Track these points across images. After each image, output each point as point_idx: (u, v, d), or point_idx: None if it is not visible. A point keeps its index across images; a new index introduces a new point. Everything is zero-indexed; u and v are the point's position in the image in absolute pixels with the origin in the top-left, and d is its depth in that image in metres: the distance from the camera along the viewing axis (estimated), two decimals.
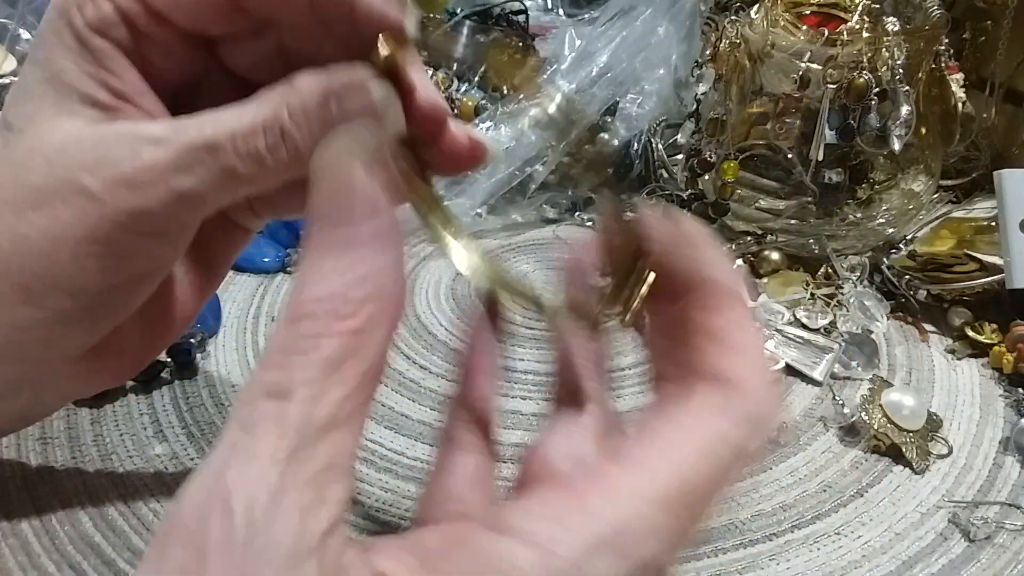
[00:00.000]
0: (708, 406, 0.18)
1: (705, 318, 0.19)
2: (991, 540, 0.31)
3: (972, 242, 0.45)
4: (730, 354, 0.18)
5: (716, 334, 0.18)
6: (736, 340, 0.18)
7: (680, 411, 0.18)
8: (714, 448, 0.17)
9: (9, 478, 0.31)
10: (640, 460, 0.17)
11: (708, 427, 0.17)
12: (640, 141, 0.54)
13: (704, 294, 0.19)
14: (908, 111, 0.43)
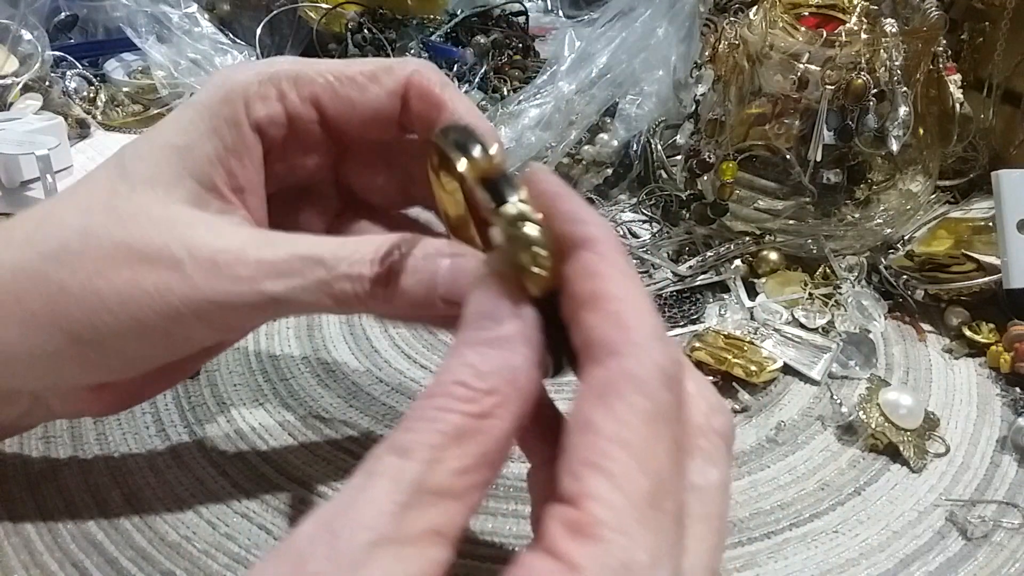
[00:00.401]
0: (616, 394, 0.17)
1: (580, 287, 0.18)
2: (988, 538, 0.31)
3: (970, 242, 0.45)
4: (608, 320, 0.18)
5: (592, 302, 0.18)
6: (611, 306, 0.18)
7: (599, 415, 0.17)
8: (643, 435, 0.16)
9: (12, 477, 0.32)
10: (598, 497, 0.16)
11: (625, 422, 0.17)
12: (639, 142, 0.54)
13: (572, 260, 0.19)
14: (906, 112, 0.43)
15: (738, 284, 0.45)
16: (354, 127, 0.26)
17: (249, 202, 0.26)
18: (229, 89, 0.25)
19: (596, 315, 0.18)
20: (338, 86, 0.26)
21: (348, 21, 0.65)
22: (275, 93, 0.25)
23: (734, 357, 0.38)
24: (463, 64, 0.59)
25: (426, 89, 0.26)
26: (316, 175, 0.28)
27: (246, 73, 0.25)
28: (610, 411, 0.17)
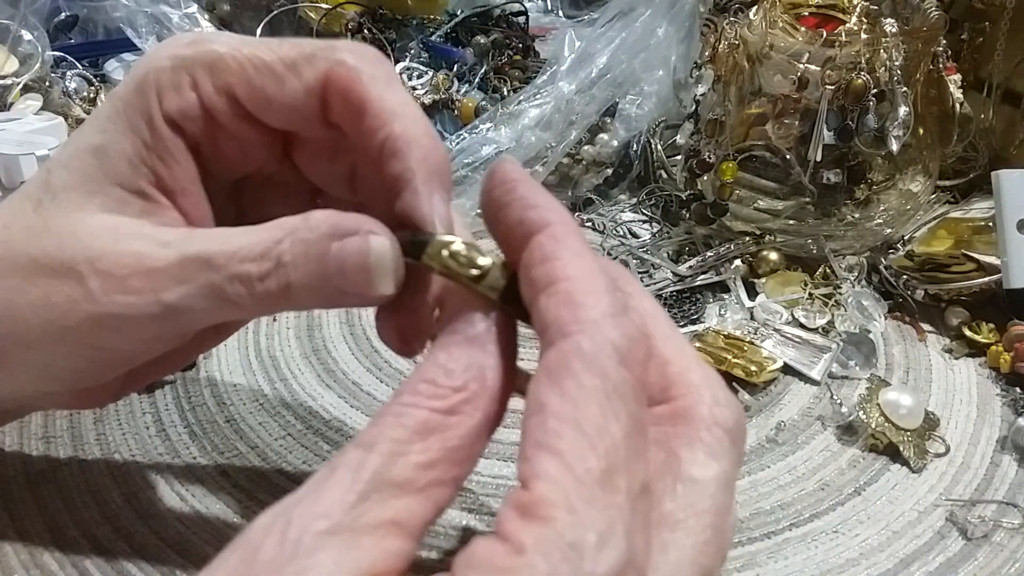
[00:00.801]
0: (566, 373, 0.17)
1: (534, 272, 0.18)
2: (988, 538, 0.31)
3: (970, 242, 0.45)
4: (559, 300, 0.17)
5: (545, 285, 0.18)
6: (563, 286, 0.18)
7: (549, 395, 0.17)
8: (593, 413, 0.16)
9: (12, 477, 0.32)
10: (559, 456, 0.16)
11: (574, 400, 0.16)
12: (639, 142, 0.54)
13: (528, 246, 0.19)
14: (906, 112, 0.43)
15: (738, 284, 0.45)
16: (274, 121, 0.23)
17: (182, 202, 0.23)
18: (141, 79, 0.22)
19: (549, 298, 0.18)
20: (254, 76, 0.22)
21: (348, 21, 0.65)
22: (188, 81, 0.22)
23: (734, 357, 0.38)
24: (463, 64, 0.59)
25: (346, 87, 0.22)
26: (269, 165, 0.25)
27: (160, 57, 0.23)
28: (559, 390, 0.16)
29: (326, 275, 0.20)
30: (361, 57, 0.22)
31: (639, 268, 0.47)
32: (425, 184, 0.21)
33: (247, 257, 0.21)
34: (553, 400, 0.16)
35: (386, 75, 0.22)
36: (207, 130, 0.23)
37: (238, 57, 0.22)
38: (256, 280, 0.21)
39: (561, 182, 0.54)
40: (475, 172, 0.50)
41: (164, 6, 0.62)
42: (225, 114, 0.23)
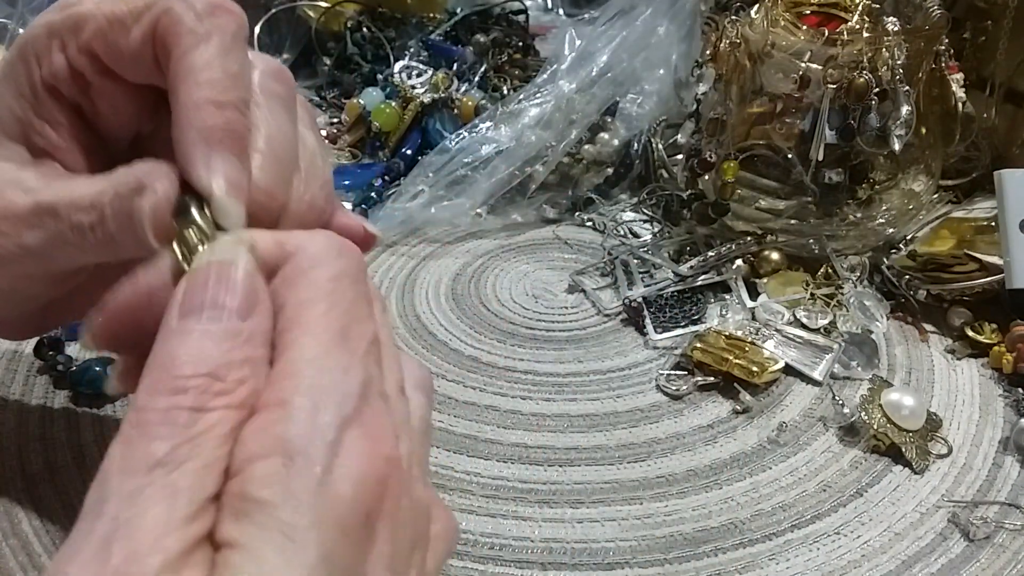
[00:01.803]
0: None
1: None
2: (990, 540, 0.31)
3: (972, 242, 0.45)
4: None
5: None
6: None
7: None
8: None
9: (10, 478, 0.31)
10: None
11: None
12: (640, 141, 0.54)
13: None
14: (908, 111, 0.43)
15: (739, 284, 0.45)
16: (127, 75, 0.23)
17: (64, 158, 0.24)
18: (22, 47, 0.23)
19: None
20: (108, 31, 0.22)
21: (347, 20, 0.65)
22: (58, 44, 0.23)
23: (735, 358, 0.38)
24: (463, 63, 0.59)
25: (167, 32, 0.21)
26: (143, 122, 0.25)
27: (37, 26, 0.23)
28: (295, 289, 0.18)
29: (133, 228, 0.20)
30: (191, 9, 0.21)
31: (640, 268, 0.47)
32: (194, 146, 0.20)
33: (79, 207, 0.21)
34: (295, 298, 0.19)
35: (212, 28, 0.21)
36: (81, 91, 0.24)
37: (96, 14, 0.22)
38: (87, 229, 0.21)
39: (562, 181, 0.54)
40: (475, 172, 0.49)
41: None
42: (90, 72, 0.23)
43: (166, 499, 0.15)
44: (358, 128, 0.57)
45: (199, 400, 0.16)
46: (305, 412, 0.16)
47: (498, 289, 0.46)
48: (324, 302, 0.18)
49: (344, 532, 0.16)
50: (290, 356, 0.17)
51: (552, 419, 0.37)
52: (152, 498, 0.15)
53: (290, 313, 0.18)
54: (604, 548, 0.31)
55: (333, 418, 0.16)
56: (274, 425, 0.16)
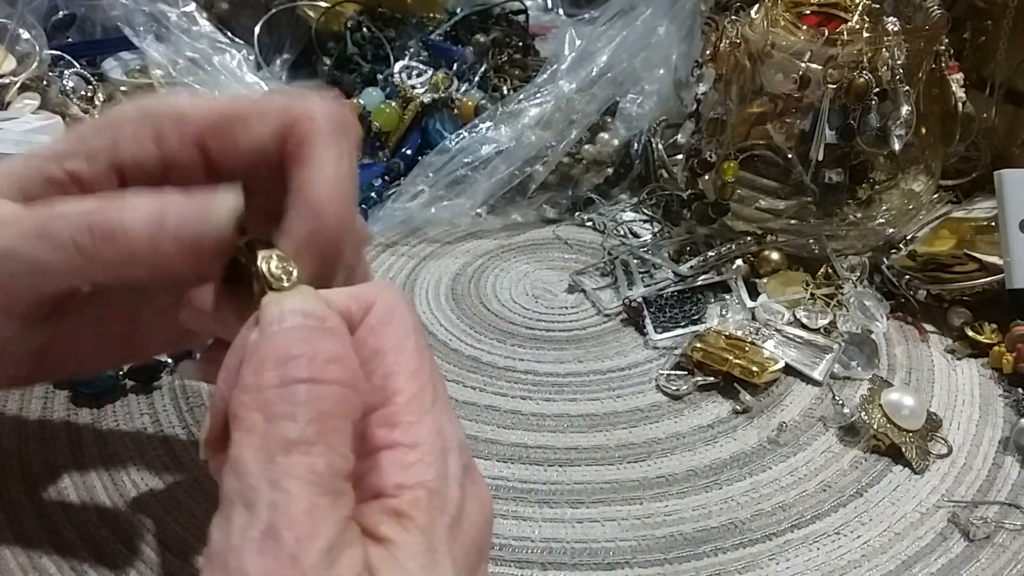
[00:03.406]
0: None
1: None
2: (990, 540, 0.31)
3: (972, 242, 0.45)
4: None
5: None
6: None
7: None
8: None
9: (10, 479, 0.31)
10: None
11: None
12: (640, 141, 0.54)
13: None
14: (908, 111, 0.43)
15: (739, 284, 0.45)
16: (232, 164, 0.24)
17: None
18: (104, 123, 0.24)
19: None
20: (225, 126, 0.23)
21: (347, 20, 0.65)
22: (151, 134, 0.23)
23: (735, 358, 0.38)
24: (463, 63, 0.58)
25: (306, 138, 0.23)
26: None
27: (131, 108, 0.24)
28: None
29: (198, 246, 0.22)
30: (329, 121, 0.23)
31: (640, 268, 0.47)
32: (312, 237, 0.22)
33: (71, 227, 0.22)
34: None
35: (345, 141, 0.23)
36: (157, 175, 0.24)
37: (210, 111, 0.23)
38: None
39: (561, 181, 0.53)
40: (475, 172, 0.49)
41: (162, 5, 0.61)
42: (187, 160, 0.23)
43: (311, 482, 0.16)
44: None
45: (312, 370, 0.18)
46: (437, 456, 0.19)
47: (498, 289, 0.46)
48: (415, 353, 0.20)
49: (468, 563, 0.19)
50: (404, 400, 0.19)
51: (552, 419, 0.37)
52: (296, 480, 0.16)
53: (389, 360, 0.20)
54: (604, 548, 0.31)
55: (457, 465, 0.19)
56: (414, 465, 0.19)
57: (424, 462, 0.19)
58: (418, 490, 0.18)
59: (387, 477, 0.18)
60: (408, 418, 0.19)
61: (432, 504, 0.18)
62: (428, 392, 0.20)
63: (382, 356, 0.20)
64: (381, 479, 0.18)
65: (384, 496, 0.18)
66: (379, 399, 0.19)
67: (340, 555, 0.16)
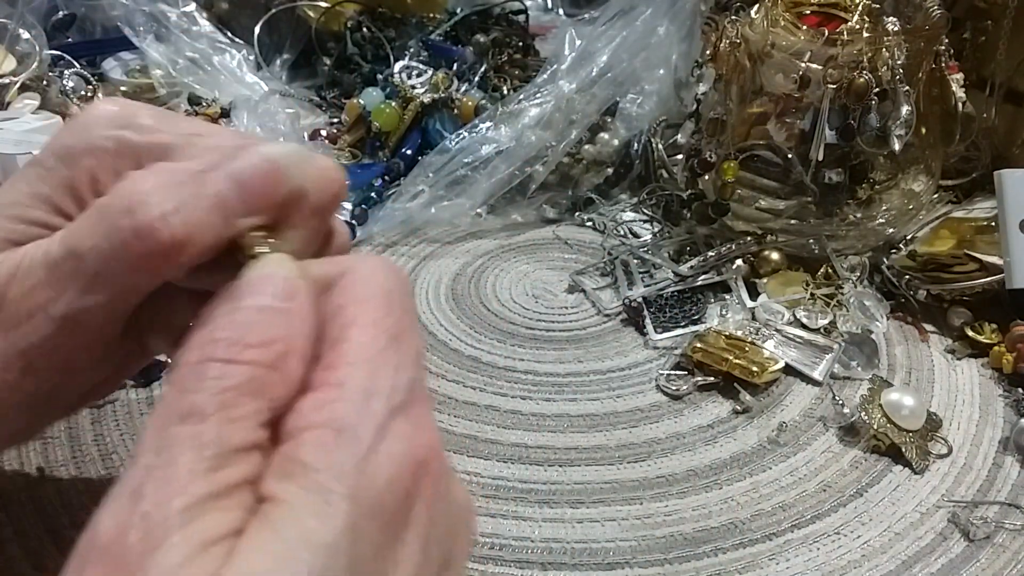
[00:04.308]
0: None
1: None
2: (990, 540, 0.31)
3: (972, 242, 0.45)
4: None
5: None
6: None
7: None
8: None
9: (10, 478, 0.31)
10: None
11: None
12: (640, 141, 0.54)
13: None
14: (908, 111, 0.43)
15: (739, 284, 0.45)
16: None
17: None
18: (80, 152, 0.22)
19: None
20: None
21: (347, 20, 0.65)
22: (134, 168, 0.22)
23: (735, 358, 0.38)
24: (463, 63, 0.58)
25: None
26: None
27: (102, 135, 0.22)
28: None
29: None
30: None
31: (640, 268, 0.47)
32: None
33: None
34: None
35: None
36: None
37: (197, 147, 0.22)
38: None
39: (561, 181, 0.53)
40: (475, 172, 0.49)
41: (162, 5, 0.62)
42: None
43: (193, 448, 0.16)
44: (358, 128, 0.57)
45: (228, 352, 0.17)
46: (359, 395, 0.17)
47: (498, 289, 0.46)
48: (380, 307, 0.19)
49: (377, 509, 0.17)
50: (347, 347, 0.18)
51: (552, 419, 0.37)
52: (180, 447, 0.16)
53: (349, 312, 0.19)
54: (604, 548, 0.31)
55: (384, 406, 0.18)
56: (329, 403, 0.17)
57: (343, 400, 0.17)
58: (324, 429, 0.17)
59: (299, 418, 0.17)
60: (346, 361, 0.18)
61: (339, 444, 0.17)
62: (381, 339, 0.18)
63: (343, 310, 0.19)
64: (293, 420, 0.17)
65: (289, 441, 0.17)
66: (329, 350, 0.19)
67: (201, 515, 0.15)
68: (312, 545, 0.15)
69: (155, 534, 0.15)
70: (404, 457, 0.17)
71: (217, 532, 0.15)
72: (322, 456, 0.16)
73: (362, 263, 0.20)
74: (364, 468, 0.17)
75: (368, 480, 0.17)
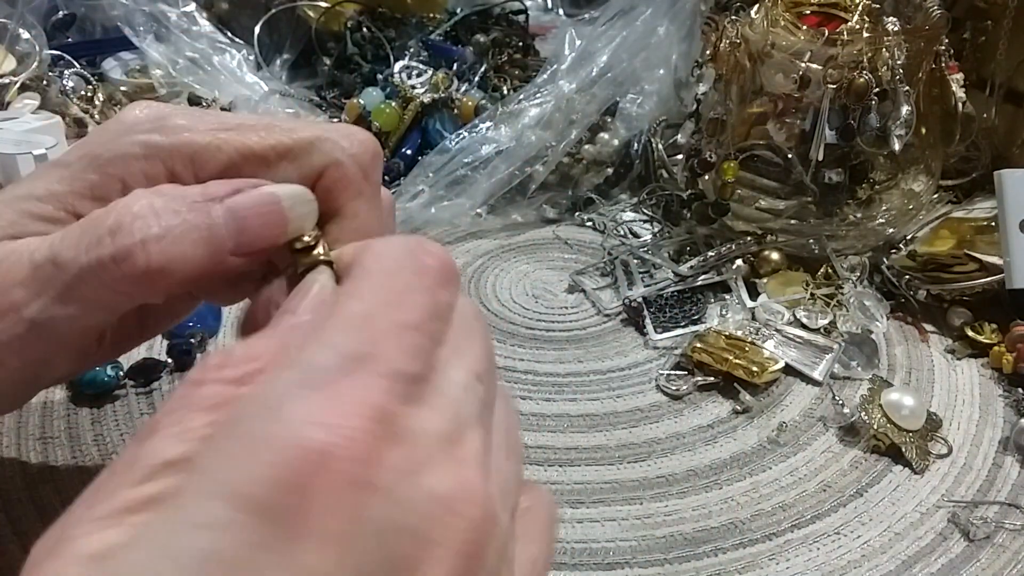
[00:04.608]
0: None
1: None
2: (990, 540, 0.31)
3: (972, 242, 0.45)
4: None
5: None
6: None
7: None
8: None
9: (10, 477, 0.31)
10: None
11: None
12: (640, 141, 0.54)
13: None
14: (908, 111, 0.43)
15: (739, 284, 0.45)
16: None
17: None
18: (106, 162, 0.22)
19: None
20: (241, 164, 0.22)
21: (347, 20, 0.65)
22: (164, 174, 0.22)
23: (735, 358, 0.38)
24: (463, 63, 0.58)
25: (335, 184, 0.22)
26: None
27: (129, 143, 0.22)
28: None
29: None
30: (356, 164, 0.22)
31: (640, 268, 0.47)
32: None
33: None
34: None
35: (374, 187, 0.23)
36: None
37: (224, 147, 0.22)
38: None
39: (561, 181, 0.53)
40: (475, 172, 0.49)
41: (162, 5, 0.62)
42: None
43: (127, 465, 0.15)
44: None
45: (201, 374, 0.16)
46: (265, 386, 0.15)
47: (498, 289, 0.46)
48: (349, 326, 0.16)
49: (257, 509, 0.14)
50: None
51: (552, 419, 0.37)
52: (119, 462, 0.16)
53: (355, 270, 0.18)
54: (604, 548, 0.31)
55: (288, 386, 0.15)
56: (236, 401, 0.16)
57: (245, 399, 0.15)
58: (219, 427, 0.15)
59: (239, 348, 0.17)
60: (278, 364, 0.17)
61: (223, 439, 0.15)
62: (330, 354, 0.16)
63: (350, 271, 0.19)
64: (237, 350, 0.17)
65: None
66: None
67: (103, 529, 0.14)
68: (173, 552, 0.14)
69: (58, 543, 0.15)
70: (292, 449, 0.14)
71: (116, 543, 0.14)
72: (210, 454, 0.15)
73: (384, 241, 0.19)
74: (245, 465, 0.14)
75: (246, 476, 0.14)
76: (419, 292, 0.17)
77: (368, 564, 0.14)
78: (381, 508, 0.14)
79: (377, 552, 0.14)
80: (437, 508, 0.15)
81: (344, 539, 0.14)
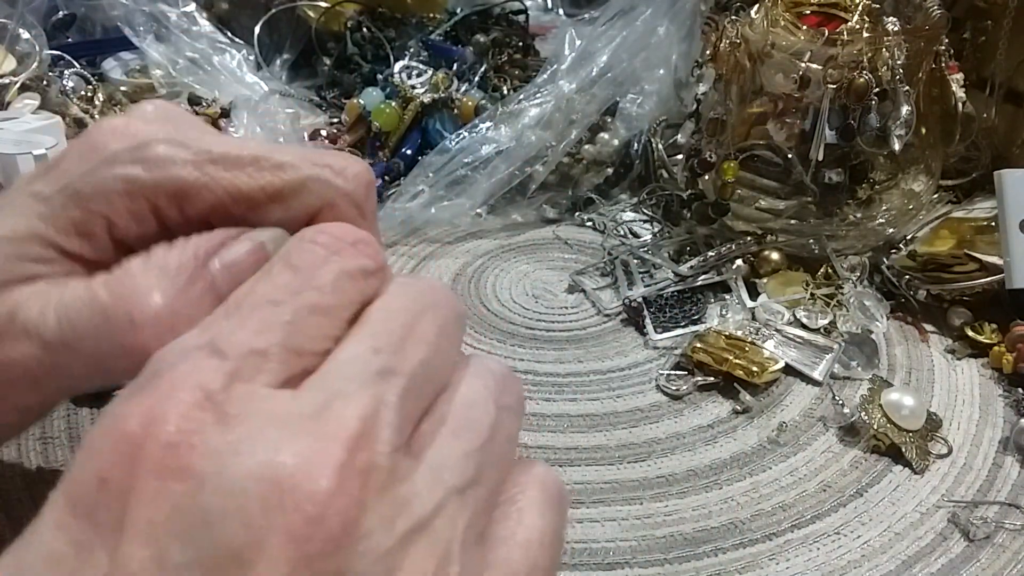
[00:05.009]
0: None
1: None
2: (990, 540, 0.31)
3: (972, 242, 0.45)
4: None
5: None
6: None
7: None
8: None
9: (10, 478, 0.31)
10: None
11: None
12: (640, 141, 0.54)
13: None
14: (908, 111, 0.43)
15: (739, 284, 0.45)
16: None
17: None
18: (89, 195, 0.20)
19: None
20: (231, 205, 0.21)
21: (347, 20, 0.65)
22: (147, 209, 0.20)
23: (735, 358, 0.38)
24: (463, 63, 0.58)
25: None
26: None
27: (110, 178, 0.20)
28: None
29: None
30: (350, 200, 0.21)
31: (640, 268, 0.47)
32: None
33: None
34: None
35: (373, 215, 0.22)
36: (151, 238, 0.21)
37: (212, 186, 0.20)
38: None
39: (561, 181, 0.53)
40: (475, 172, 0.49)
41: (162, 5, 0.62)
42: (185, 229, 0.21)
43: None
44: (358, 128, 0.57)
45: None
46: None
47: (498, 289, 0.46)
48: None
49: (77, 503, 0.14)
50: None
51: (552, 419, 0.37)
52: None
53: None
54: (604, 548, 0.31)
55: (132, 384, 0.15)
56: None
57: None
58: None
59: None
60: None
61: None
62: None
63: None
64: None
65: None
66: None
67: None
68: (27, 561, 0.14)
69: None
70: (107, 442, 0.14)
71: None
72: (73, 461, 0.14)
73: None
74: (75, 466, 0.14)
75: (74, 477, 0.14)
76: (305, 269, 0.17)
77: (194, 555, 0.13)
78: (206, 495, 0.13)
79: (205, 542, 0.13)
80: (270, 489, 0.13)
81: (162, 530, 0.13)
